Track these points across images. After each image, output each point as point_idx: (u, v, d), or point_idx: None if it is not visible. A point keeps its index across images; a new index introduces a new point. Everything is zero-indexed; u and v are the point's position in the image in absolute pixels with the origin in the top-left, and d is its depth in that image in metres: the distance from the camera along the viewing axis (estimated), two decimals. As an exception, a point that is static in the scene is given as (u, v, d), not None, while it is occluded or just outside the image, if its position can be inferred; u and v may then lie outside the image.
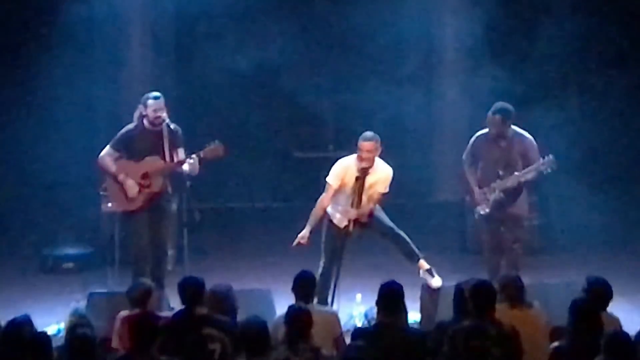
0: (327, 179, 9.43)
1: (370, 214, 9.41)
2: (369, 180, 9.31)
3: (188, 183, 9.93)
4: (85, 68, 13.58)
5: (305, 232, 9.37)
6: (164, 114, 9.72)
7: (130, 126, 9.88)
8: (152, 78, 13.53)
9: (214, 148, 9.68)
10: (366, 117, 13.65)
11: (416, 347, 7.15)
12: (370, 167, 9.30)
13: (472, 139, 9.98)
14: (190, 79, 14.43)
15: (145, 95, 9.83)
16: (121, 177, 9.74)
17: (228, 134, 14.32)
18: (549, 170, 9.65)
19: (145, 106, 9.73)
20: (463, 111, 13.86)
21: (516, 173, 9.66)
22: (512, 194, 9.74)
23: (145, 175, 9.75)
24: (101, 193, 10.25)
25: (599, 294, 7.53)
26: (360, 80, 13.63)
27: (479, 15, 13.38)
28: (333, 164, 9.50)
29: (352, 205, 9.28)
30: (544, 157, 9.66)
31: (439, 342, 7.00)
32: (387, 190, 9.43)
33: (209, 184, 13.54)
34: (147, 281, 8.33)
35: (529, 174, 9.67)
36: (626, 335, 6.66)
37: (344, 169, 9.40)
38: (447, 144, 13.76)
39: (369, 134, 9.38)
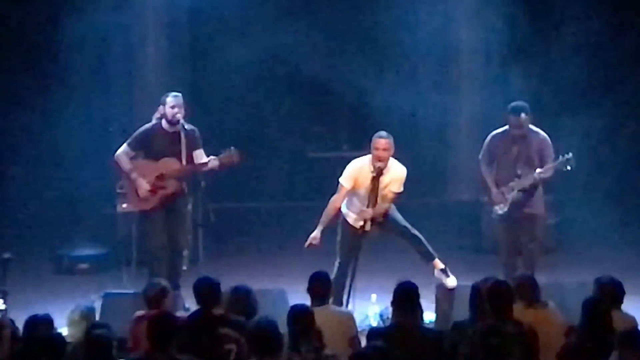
0: (340, 179, 9.43)
1: (386, 213, 9.42)
2: (383, 179, 9.32)
3: (203, 183, 9.97)
4: (100, 71, 13.63)
5: (316, 233, 9.38)
6: (181, 113, 9.74)
7: (148, 126, 9.92)
8: (165, 78, 13.55)
9: (230, 155, 9.74)
10: (381, 117, 13.65)
11: (432, 347, 7.13)
12: (385, 166, 9.31)
13: (488, 138, 9.94)
14: (204, 79, 14.44)
15: (167, 94, 9.88)
16: (133, 175, 9.78)
17: (242, 134, 14.38)
18: (568, 168, 9.61)
19: (164, 104, 9.78)
20: (478, 110, 13.84)
21: (538, 170, 9.63)
22: (529, 192, 9.71)
23: (160, 176, 9.77)
24: (118, 191, 10.26)
25: (609, 293, 7.52)
26: (375, 80, 13.62)
27: (496, 15, 13.35)
28: (347, 164, 9.50)
29: (367, 206, 9.28)
30: (562, 155, 9.63)
31: (455, 341, 7.00)
32: (401, 189, 9.43)
33: (223, 184, 13.58)
34: (163, 281, 8.34)
35: (547, 172, 9.65)
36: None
37: (357, 170, 9.40)
38: (462, 144, 13.74)
39: (383, 132, 9.39)
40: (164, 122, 9.81)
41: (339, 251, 9.46)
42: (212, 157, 9.77)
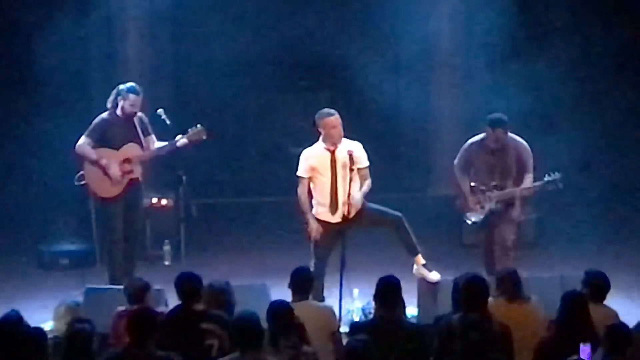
0: (298, 173, 9.38)
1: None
2: (339, 157, 9.26)
3: (184, 179, 9.98)
4: (81, 68, 13.59)
5: (313, 223, 9.29)
6: (138, 109, 9.91)
7: (105, 115, 10.00)
8: (147, 74, 13.50)
9: (197, 132, 9.89)
10: (363, 111, 13.66)
11: (414, 341, 7.16)
12: (340, 142, 9.25)
13: (466, 145, 9.81)
14: (185, 75, 14.42)
15: (126, 87, 9.95)
16: (104, 161, 9.87)
17: (223, 130, 14.38)
18: (555, 188, 9.49)
19: (125, 98, 9.87)
20: (460, 106, 13.86)
21: (522, 186, 9.45)
22: (507, 203, 9.60)
23: (126, 161, 9.91)
24: (76, 183, 10.16)
25: (597, 286, 7.58)
26: (358, 75, 13.61)
27: (479, 13, 13.35)
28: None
29: (332, 192, 9.20)
30: (549, 174, 9.45)
31: (437, 335, 7.01)
32: (368, 162, 9.37)
33: (205, 180, 13.57)
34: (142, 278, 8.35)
35: (530, 190, 9.47)
36: (625, 327, 6.69)
37: (310, 157, 9.36)
38: (444, 138, 13.74)
39: (327, 109, 9.37)
40: (118, 110, 9.91)
41: (314, 251, 9.37)
42: (179, 135, 9.89)
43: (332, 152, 9.28)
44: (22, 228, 12.97)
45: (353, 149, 9.29)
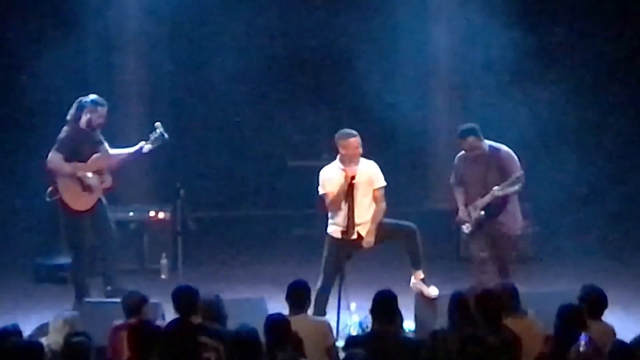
0: (321, 191, 9.33)
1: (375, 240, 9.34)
2: (358, 179, 9.22)
3: (182, 192, 9.99)
4: (79, 76, 13.59)
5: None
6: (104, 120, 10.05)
7: (69, 129, 10.03)
8: (147, 88, 13.53)
9: (159, 135, 10.02)
10: (360, 126, 13.63)
11: (411, 355, 7.14)
12: (357, 164, 9.23)
13: (455, 159, 9.85)
14: (185, 85, 14.43)
15: (90, 99, 10.01)
16: (80, 173, 9.93)
17: (222, 144, 14.41)
18: (516, 188, 9.48)
19: (93, 111, 9.94)
20: (457, 119, 13.84)
21: (495, 187, 9.46)
22: (494, 209, 9.55)
23: (98, 172, 9.95)
24: (47, 199, 10.12)
25: (594, 302, 7.55)
26: (354, 89, 13.63)
27: (479, 31, 13.36)
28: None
29: (349, 211, 9.17)
30: (516, 172, 9.47)
31: (433, 350, 7.00)
32: (384, 182, 9.38)
33: (203, 193, 13.56)
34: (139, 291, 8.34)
35: (503, 190, 9.46)
36: (628, 345, 6.67)
37: (329, 176, 9.32)
38: (441, 153, 13.75)
39: (349, 130, 9.36)
40: (82, 123, 9.96)
41: (324, 268, 9.34)
42: (142, 142, 10.04)
43: (352, 178, 9.23)
44: (20, 241, 12.95)
45: (369, 169, 9.31)
